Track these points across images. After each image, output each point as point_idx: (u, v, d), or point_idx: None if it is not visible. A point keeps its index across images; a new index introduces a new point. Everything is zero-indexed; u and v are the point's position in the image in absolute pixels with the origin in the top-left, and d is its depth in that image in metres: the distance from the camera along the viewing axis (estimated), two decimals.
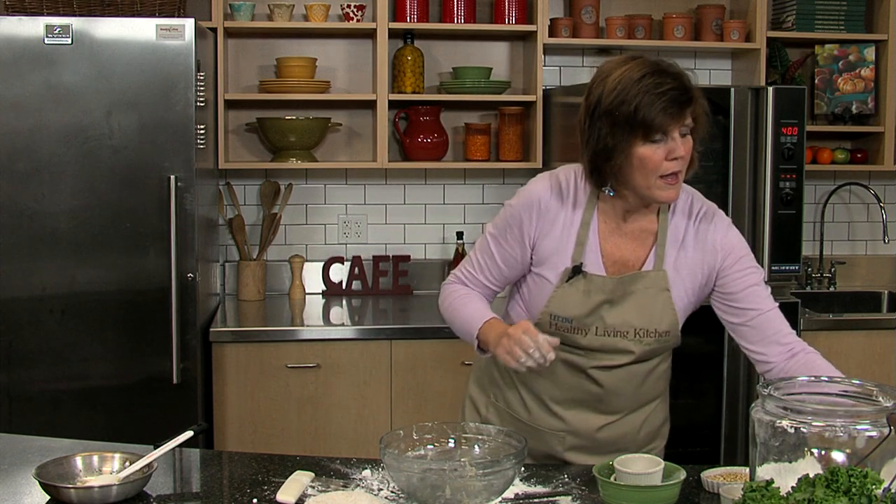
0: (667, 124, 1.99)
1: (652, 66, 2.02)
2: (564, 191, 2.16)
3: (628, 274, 2.13)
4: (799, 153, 3.62)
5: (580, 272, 2.11)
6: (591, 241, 2.13)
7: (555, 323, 2.14)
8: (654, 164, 2.02)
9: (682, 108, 1.99)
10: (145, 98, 3.23)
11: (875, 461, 1.55)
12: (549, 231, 2.14)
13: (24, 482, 1.96)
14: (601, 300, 2.12)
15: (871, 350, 3.76)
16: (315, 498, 1.87)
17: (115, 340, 3.27)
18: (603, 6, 4.09)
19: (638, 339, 2.14)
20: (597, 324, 2.13)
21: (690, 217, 2.17)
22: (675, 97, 1.98)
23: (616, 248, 2.15)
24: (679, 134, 2.02)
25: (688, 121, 2.02)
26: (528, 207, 2.16)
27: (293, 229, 4.14)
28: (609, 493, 1.83)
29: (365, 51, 4.06)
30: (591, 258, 2.13)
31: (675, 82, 1.99)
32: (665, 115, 1.98)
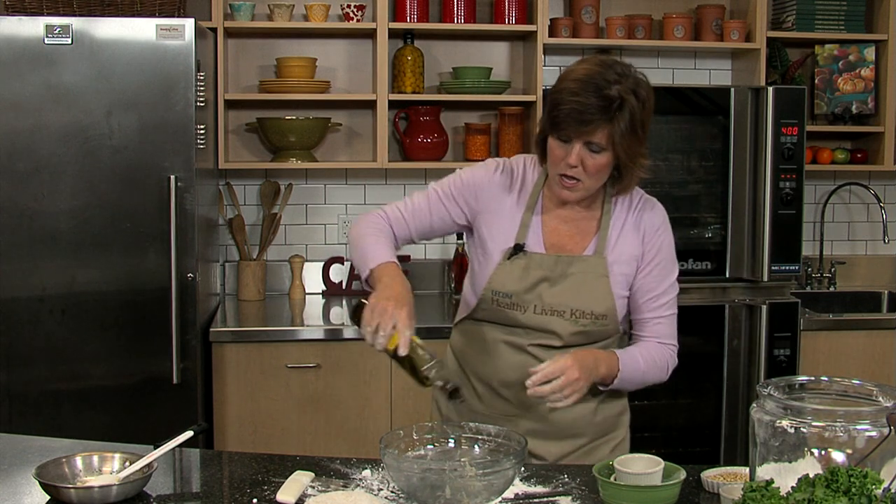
0: (568, 130, 2.07)
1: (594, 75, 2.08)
2: (514, 175, 2.27)
3: (566, 255, 2.22)
4: (799, 153, 3.62)
5: (521, 250, 2.21)
6: (535, 223, 2.24)
7: (496, 298, 2.22)
8: (555, 160, 2.13)
9: (584, 124, 2.05)
10: (145, 98, 3.23)
11: (875, 461, 1.55)
12: (494, 211, 2.25)
13: (24, 482, 1.96)
14: (540, 277, 2.20)
15: (871, 350, 3.76)
16: (315, 498, 1.87)
17: (115, 340, 3.27)
18: (603, 6, 4.09)
19: (574, 320, 2.20)
20: (535, 301, 2.20)
21: (631, 207, 2.26)
22: (578, 112, 2.05)
23: (558, 232, 2.24)
24: (583, 145, 2.08)
25: (595, 138, 2.07)
26: (479, 180, 2.26)
27: (293, 229, 4.14)
28: (609, 493, 1.83)
29: (365, 51, 4.06)
30: (532, 239, 2.23)
31: (595, 100, 2.04)
32: (568, 121, 2.07)
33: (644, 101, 2.10)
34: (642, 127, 2.10)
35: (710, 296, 3.66)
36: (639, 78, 2.13)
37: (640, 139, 2.11)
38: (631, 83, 2.09)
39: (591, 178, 2.12)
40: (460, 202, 2.27)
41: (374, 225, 2.27)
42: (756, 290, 3.67)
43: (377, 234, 2.24)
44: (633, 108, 2.07)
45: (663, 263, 2.24)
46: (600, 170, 2.12)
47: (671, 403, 3.69)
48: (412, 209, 2.29)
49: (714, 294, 3.67)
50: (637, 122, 2.08)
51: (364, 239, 2.23)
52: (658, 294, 2.24)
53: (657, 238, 2.24)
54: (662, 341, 2.25)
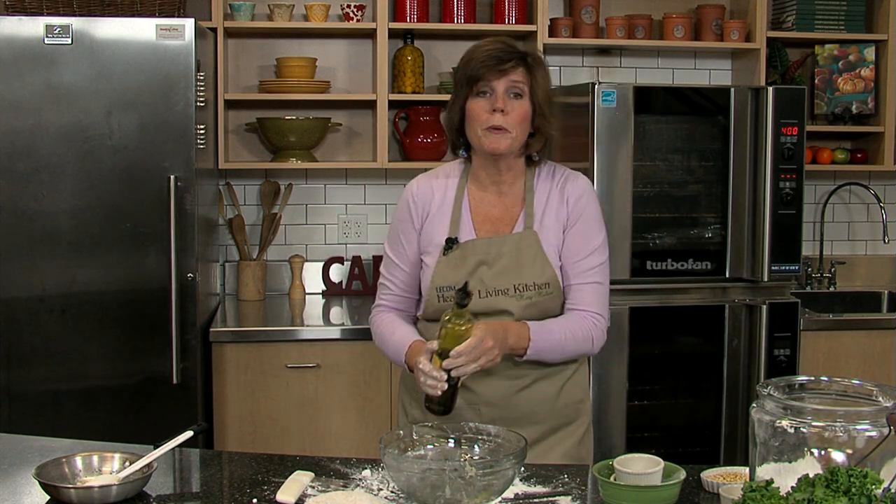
0: (489, 76, 2.20)
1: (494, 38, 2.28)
2: (435, 178, 2.36)
3: (498, 236, 2.28)
4: (799, 153, 3.62)
5: (455, 243, 2.28)
6: (464, 214, 2.32)
7: (441, 295, 2.28)
8: (479, 116, 2.23)
9: (501, 62, 2.20)
10: (145, 98, 3.23)
11: (875, 461, 1.55)
12: (429, 216, 2.32)
13: (24, 482, 1.96)
14: (477, 262, 2.26)
15: (871, 350, 3.76)
16: (315, 498, 1.87)
17: (115, 340, 3.27)
18: (603, 6, 4.09)
19: (519, 294, 2.25)
20: (478, 286, 2.25)
21: (553, 179, 2.35)
22: (496, 54, 2.20)
23: (487, 215, 2.32)
24: (505, 92, 2.21)
25: (515, 79, 2.22)
26: (406, 204, 2.36)
27: (293, 229, 4.14)
28: (609, 493, 1.83)
29: (365, 51, 4.07)
30: (464, 230, 2.31)
31: (503, 46, 2.23)
32: (485, 67, 2.20)
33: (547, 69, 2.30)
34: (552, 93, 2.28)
35: (709, 296, 3.66)
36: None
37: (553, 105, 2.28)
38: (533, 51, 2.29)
39: (516, 126, 2.23)
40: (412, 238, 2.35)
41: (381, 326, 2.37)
42: (756, 290, 3.67)
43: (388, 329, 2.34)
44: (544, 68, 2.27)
45: (585, 228, 2.31)
46: (523, 118, 2.23)
47: (671, 403, 3.69)
48: (392, 280, 2.39)
49: (714, 294, 3.67)
50: (549, 83, 2.28)
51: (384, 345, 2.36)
52: (580, 259, 2.29)
53: (579, 204, 2.31)
54: (586, 309, 2.28)
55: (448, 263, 2.28)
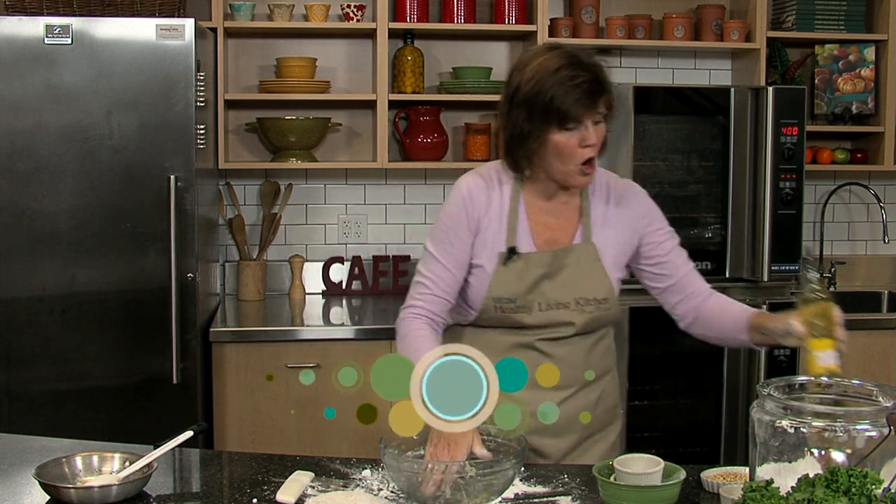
0: (580, 114, 2.09)
1: (568, 58, 2.11)
2: (489, 181, 2.26)
3: (561, 248, 2.23)
4: (799, 153, 3.62)
5: (515, 253, 2.21)
6: (521, 223, 2.24)
7: (499, 306, 2.22)
8: (569, 151, 2.12)
9: (594, 98, 2.09)
10: (145, 98, 3.23)
11: (875, 461, 1.56)
12: (483, 221, 2.24)
13: (24, 482, 1.96)
14: (538, 275, 2.21)
15: (871, 350, 3.76)
16: (315, 498, 1.87)
17: (115, 340, 3.27)
18: (603, 6, 4.09)
19: (580, 309, 2.22)
20: (538, 300, 2.21)
21: (609, 192, 2.28)
22: (588, 89, 2.08)
23: (545, 226, 2.25)
24: (592, 122, 2.12)
25: (601, 109, 2.12)
26: (461, 205, 2.24)
27: (293, 229, 4.14)
28: (609, 493, 1.83)
29: (365, 51, 4.06)
30: (522, 239, 2.23)
31: (588, 74, 2.09)
32: (578, 105, 2.08)
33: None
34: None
35: None
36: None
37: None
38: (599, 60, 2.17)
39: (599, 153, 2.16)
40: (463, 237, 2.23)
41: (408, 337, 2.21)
42: (756, 290, 3.67)
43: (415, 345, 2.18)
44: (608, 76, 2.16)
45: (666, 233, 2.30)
46: (603, 140, 2.16)
47: (671, 403, 3.69)
48: (433, 281, 2.24)
49: None
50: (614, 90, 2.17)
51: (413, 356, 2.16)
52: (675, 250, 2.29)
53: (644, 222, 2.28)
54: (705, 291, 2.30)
55: (508, 274, 2.20)
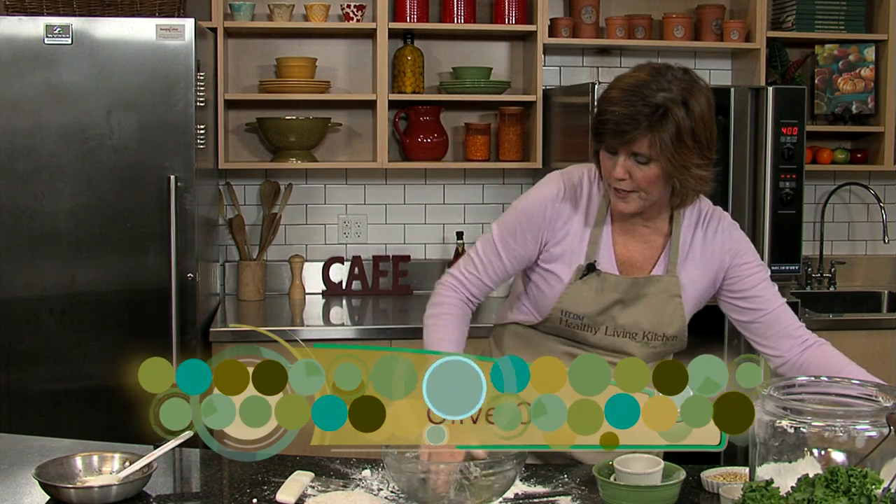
0: (609, 141, 2.00)
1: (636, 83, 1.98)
2: (577, 190, 2.16)
3: (642, 276, 2.14)
4: (799, 153, 3.62)
5: (594, 270, 2.13)
6: (605, 240, 2.15)
7: (566, 319, 2.15)
8: (605, 171, 2.05)
9: (622, 133, 1.96)
10: (145, 98, 3.23)
11: (875, 461, 1.55)
12: (562, 230, 2.15)
13: (24, 482, 1.96)
14: (614, 300, 2.13)
15: (871, 350, 3.76)
16: (315, 498, 1.87)
17: (115, 340, 3.27)
18: (603, 6, 4.09)
19: (646, 342, 2.15)
20: (607, 323, 2.14)
21: (699, 221, 2.18)
22: (616, 122, 1.96)
23: (627, 249, 2.16)
24: (629, 156, 1.99)
25: (638, 150, 1.97)
26: (542, 207, 2.15)
27: (293, 229, 4.14)
28: (609, 493, 1.83)
29: (365, 51, 4.06)
30: (604, 257, 2.14)
31: (634, 108, 1.95)
32: (606, 132, 1.99)
33: (693, 109, 1.96)
34: (693, 137, 1.97)
35: None
36: (694, 83, 2.00)
37: (692, 149, 1.97)
38: (679, 91, 1.96)
39: (644, 190, 2.02)
40: (529, 238, 2.16)
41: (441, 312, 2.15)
42: None
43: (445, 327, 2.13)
44: (679, 116, 1.94)
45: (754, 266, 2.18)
46: (652, 182, 2.01)
47: None
48: (484, 264, 2.18)
49: None
50: (685, 131, 1.95)
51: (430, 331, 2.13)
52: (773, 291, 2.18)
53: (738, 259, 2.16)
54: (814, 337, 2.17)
55: (583, 292, 2.13)
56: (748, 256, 2.18)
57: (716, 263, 2.17)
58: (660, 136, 1.95)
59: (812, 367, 2.11)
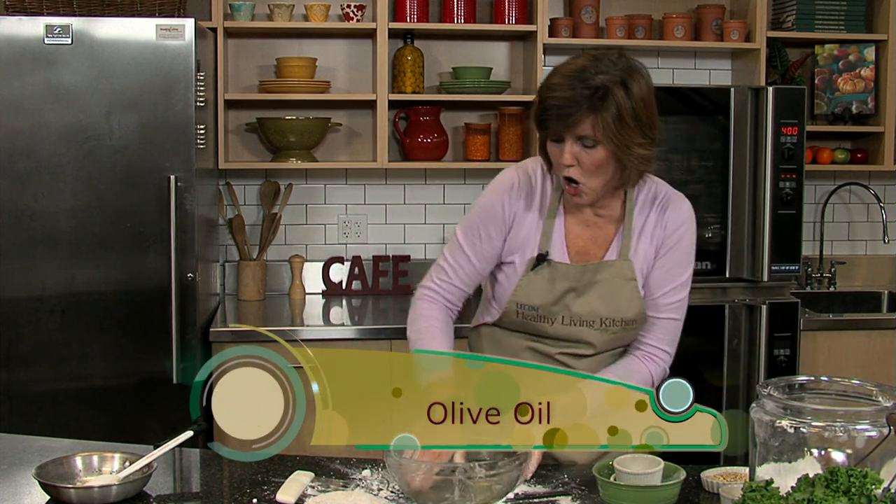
0: (556, 127, 2.01)
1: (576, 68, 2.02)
2: (532, 182, 2.19)
3: (592, 263, 2.15)
4: (799, 153, 3.62)
5: (545, 260, 2.15)
6: (557, 229, 2.17)
7: (521, 312, 2.17)
8: (555, 161, 2.06)
9: (566, 117, 1.98)
10: (145, 98, 3.23)
11: (875, 461, 1.55)
12: (520, 222, 2.17)
13: (24, 482, 1.96)
14: (566, 288, 2.14)
15: (871, 350, 3.76)
16: (315, 498, 1.87)
17: (115, 340, 3.27)
18: (603, 6, 4.09)
19: (604, 329, 2.15)
20: (562, 312, 2.15)
21: (653, 204, 2.18)
22: (558, 106, 1.99)
23: (580, 237, 2.18)
24: (575, 141, 2.01)
25: (582, 133, 1.99)
26: (500, 201, 2.17)
27: (293, 229, 4.14)
28: (609, 493, 1.83)
29: (365, 51, 4.06)
30: (556, 247, 2.16)
31: (567, 92, 1.98)
32: (549, 118, 2.01)
33: (632, 89, 2.00)
34: (634, 116, 1.99)
35: (710, 296, 3.66)
36: (632, 66, 2.03)
37: (634, 129, 2.00)
38: (619, 72, 2.00)
39: (593, 176, 2.03)
40: (494, 233, 2.18)
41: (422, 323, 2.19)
42: (756, 290, 3.67)
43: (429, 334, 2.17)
44: (620, 97, 1.97)
45: (677, 261, 2.17)
46: (600, 166, 2.02)
47: None
48: (455, 269, 2.21)
49: (714, 294, 3.67)
50: (626, 111, 1.98)
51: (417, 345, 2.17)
52: (663, 293, 2.16)
53: (677, 233, 2.16)
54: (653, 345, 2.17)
55: (534, 281, 2.14)
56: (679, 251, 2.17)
57: (659, 238, 2.17)
58: (602, 117, 1.97)
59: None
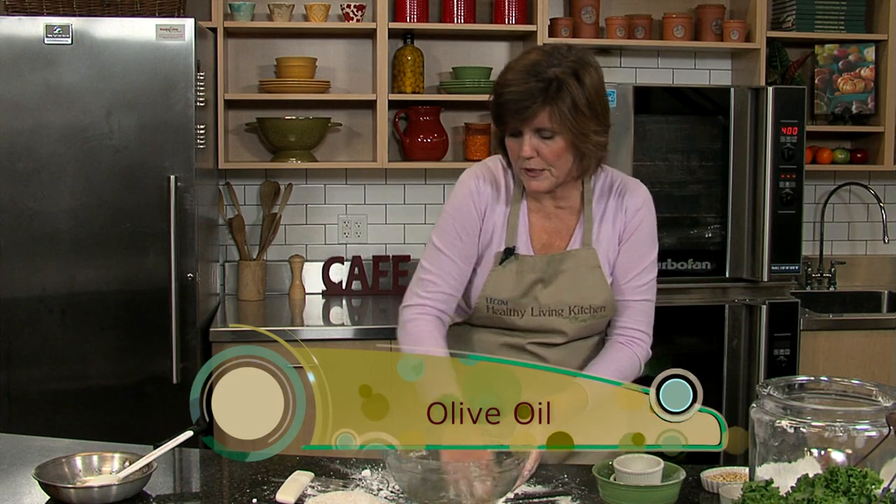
0: (512, 121, 2.05)
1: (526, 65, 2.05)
2: (495, 176, 2.22)
3: (558, 253, 2.19)
4: (799, 153, 3.62)
5: (512, 254, 2.18)
6: (521, 222, 2.20)
7: (491, 306, 2.20)
8: (513, 154, 2.11)
9: (522, 110, 2.03)
10: (145, 98, 3.23)
11: (875, 461, 1.55)
12: (490, 214, 2.21)
13: (24, 482, 1.96)
14: (534, 280, 2.18)
15: (871, 350, 3.76)
16: (315, 498, 1.87)
17: (115, 340, 3.27)
18: (603, 6, 4.09)
19: (573, 317, 2.19)
20: (532, 304, 2.18)
21: (611, 191, 2.23)
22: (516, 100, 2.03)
23: (543, 228, 2.22)
24: (533, 133, 2.05)
25: (540, 126, 2.04)
26: (469, 199, 2.20)
27: (293, 229, 4.14)
28: (609, 493, 1.83)
29: (365, 51, 4.06)
30: (521, 240, 2.20)
31: (529, 84, 2.02)
32: (507, 114, 2.05)
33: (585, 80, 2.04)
34: (588, 105, 2.04)
35: (709, 296, 3.66)
36: (582, 58, 2.08)
37: (589, 117, 2.05)
38: (571, 64, 2.04)
39: (552, 164, 2.08)
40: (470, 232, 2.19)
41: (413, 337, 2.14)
42: (756, 290, 3.67)
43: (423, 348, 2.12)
44: (573, 88, 2.02)
45: (642, 243, 2.22)
46: (559, 156, 2.07)
47: None
48: (440, 275, 2.18)
49: (714, 294, 3.67)
50: (580, 101, 2.03)
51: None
52: (634, 276, 2.21)
53: (637, 216, 2.21)
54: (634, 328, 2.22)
55: (502, 275, 2.18)
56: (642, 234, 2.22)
57: (621, 224, 2.21)
58: (559, 108, 2.02)
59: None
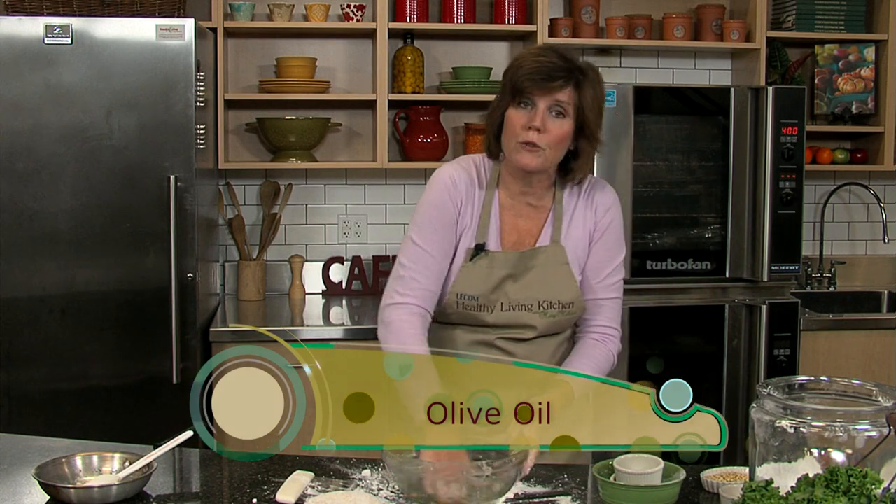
0: (533, 90, 2.09)
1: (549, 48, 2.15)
2: (470, 171, 2.25)
3: (528, 249, 2.22)
4: (799, 153, 3.62)
5: (482, 250, 2.21)
6: (493, 219, 2.23)
7: (461, 302, 2.22)
8: (515, 127, 2.12)
9: (549, 79, 2.07)
10: (145, 98, 3.23)
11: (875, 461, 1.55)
12: (464, 209, 2.23)
13: (24, 482, 1.96)
14: (504, 275, 2.20)
15: (871, 350, 3.76)
16: (315, 498, 1.87)
17: (115, 340, 3.27)
18: (603, 6, 4.09)
19: (542, 312, 2.21)
20: (501, 300, 2.21)
21: (581, 191, 2.26)
22: (546, 70, 2.08)
23: (514, 226, 2.25)
24: (547, 108, 2.10)
25: (560, 98, 2.10)
26: (445, 193, 2.22)
27: (293, 229, 4.14)
28: (609, 493, 1.83)
29: (365, 51, 4.06)
30: (491, 237, 2.23)
31: (557, 61, 2.09)
32: (530, 81, 2.09)
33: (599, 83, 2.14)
34: (598, 106, 2.13)
35: (709, 296, 3.66)
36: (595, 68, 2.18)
37: (597, 115, 2.13)
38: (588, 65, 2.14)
39: (552, 147, 2.12)
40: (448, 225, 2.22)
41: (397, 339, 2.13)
42: (756, 290, 3.67)
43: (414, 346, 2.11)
44: (595, 82, 2.12)
45: (611, 243, 2.26)
46: (562, 139, 2.12)
47: None
48: (419, 270, 2.19)
49: (714, 294, 3.67)
50: (598, 97, 2.12)
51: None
52: (604, 276, 2.25)
53: (607, 216, 2.26)
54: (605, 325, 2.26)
55: (472, 271, 2.20)
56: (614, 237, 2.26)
57: (591, 223, 2.25)
58: (581, 93, 2.10)
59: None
